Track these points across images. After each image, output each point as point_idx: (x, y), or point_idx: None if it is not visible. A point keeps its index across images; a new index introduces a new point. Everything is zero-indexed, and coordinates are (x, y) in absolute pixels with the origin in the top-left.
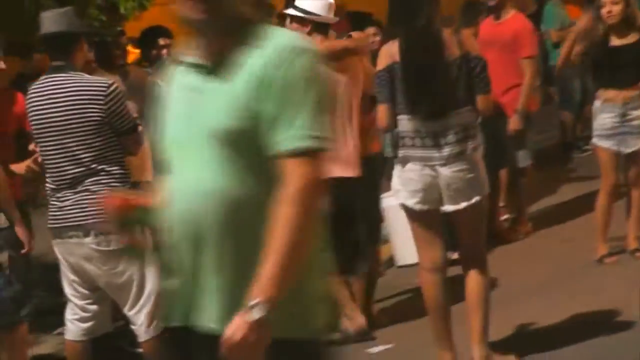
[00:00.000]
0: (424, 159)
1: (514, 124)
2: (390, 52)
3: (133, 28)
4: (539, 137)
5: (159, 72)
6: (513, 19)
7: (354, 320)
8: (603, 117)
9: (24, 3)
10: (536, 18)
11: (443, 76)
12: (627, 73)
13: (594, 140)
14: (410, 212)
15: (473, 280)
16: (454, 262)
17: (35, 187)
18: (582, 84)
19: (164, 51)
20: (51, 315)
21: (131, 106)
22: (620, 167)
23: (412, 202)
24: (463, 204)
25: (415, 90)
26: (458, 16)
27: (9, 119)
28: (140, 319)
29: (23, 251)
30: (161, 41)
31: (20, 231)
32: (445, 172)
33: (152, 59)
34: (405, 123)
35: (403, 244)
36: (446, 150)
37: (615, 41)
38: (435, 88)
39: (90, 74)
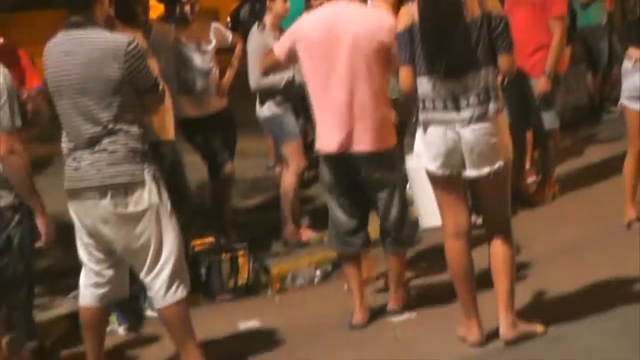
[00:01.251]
0: (444, 121)
1: (542, 85)
2: (410, 12)
3: None
4: (566, 98)
5: (183, 29)
6: None
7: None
8: (635, 77)
9: None
10: None
11: (462, 35)
12: None
13: (623, 101)
14: (432, 176)
15: (498, 248)
16: (478, 227)
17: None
18: (610, 46)
19: (187, 7)
20: (67, 277)
21: (153, 63)
22: None
23: (434, 167)
24: (486, 170)
25: (434, 50)
26: None
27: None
28: (157, 284)
29: (39, 244)
30: None
31: (41, 222)
32: (468, 135)
33: (175, 14)
34: (425, 85)
35: (426, 206)
36: (467, 112)
37: None
38: (454, 47)
39: (111, 30)
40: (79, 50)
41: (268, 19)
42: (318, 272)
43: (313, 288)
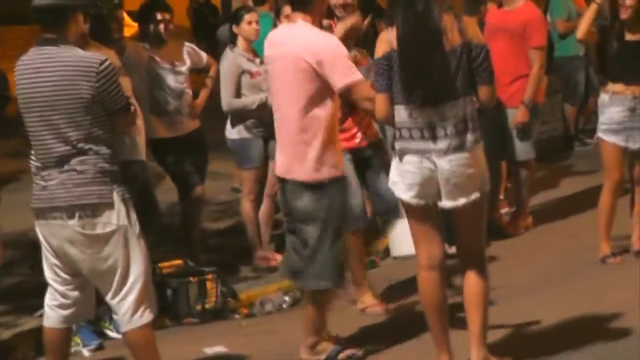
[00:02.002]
0: (421, 151)
1: (520, 115)
2: (388, 39)
3: (132, 1)
4: (542, 128)
5: (157, 48)
6: (524, 7)
7: None
8: (612, 111)
9: None
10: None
11: (441, 64)
12: (636, 67)
13: (600, 134)
14: (407, 206)
15: (472, 281)
16: (451, 257)
17: None
18: (586, 77)
19: (162, 26)
20: (33, 296)
21: (126, 82)
22: (625, 163)
23: (408, 196)
24: (462, 201)
25: (412, 78)
26: (462, 5)
27: None
28: (123, 307)
29: None
30: (159, 15)
31: None
32: (444, 165)
33: (150, 33)
34: (401, 113)
35: (399, 234)
36: (444, 143)
37: (628, 35)
38: (432, 76)
39: (84, 48)
40: (50, 68)
41: (239, 41)
42: (287, 298)
43: (282, 314)
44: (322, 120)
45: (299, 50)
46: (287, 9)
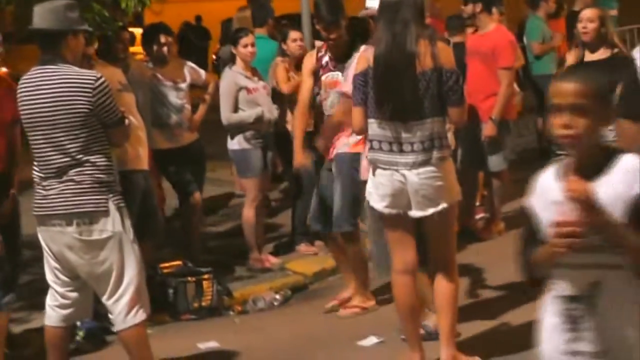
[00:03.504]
0: (389, 163)
1: (487, 130)
2: (367, 57)
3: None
4: (517, 141)
5: (160, 67)
6: (495, 32)
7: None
8: None
9: None
10: (520, 30)
11: (410, 85)
12: None
13: None
14: (380, 215)
15: (441, 285)
16: None
17: None
18: None
19: (165, 48)
20: (45, 294)
21: (131, 97)
22: None
23: (382, 206)
24: (430, 210)
25: (383, 94)
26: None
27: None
28: (118, 308)
29: None
30: (162, 38)
31: None
32: (413, 178)
33: (153, 54)
34: (374, 126)
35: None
36: (410, 157)
37: (588, 56)
38: (401, 94)
39: (89, 67)
40: (49, 85)
41: (238, 60)
42: (278, 297)
43: (273, 311)
44: None
45: None
46: (293, 34)
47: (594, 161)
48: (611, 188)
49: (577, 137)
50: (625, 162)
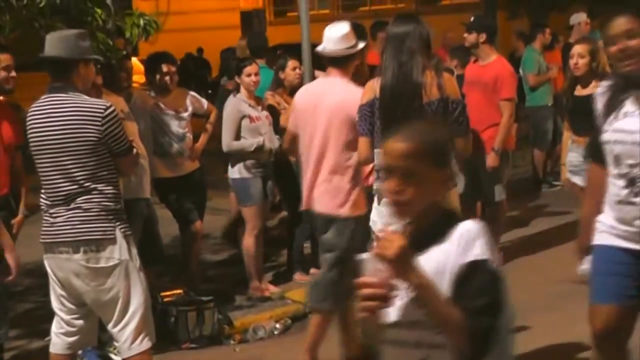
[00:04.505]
0: None
1: (490, 160)
2: (373, 87)
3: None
4: (513, 171)
5: (162, 96)
6: (496, 63)
7: None
8: (572, 155)
9: (35, 26)
10: (516, 62)
11: (417, 114)
12: (588, 121)
13: (568, 175)
14: None
15: None
16: None
17: None
18: (554, 125)
19: (167, 77)
20: (45, 322)
21: (133, 126)
22: None
23: None
24: None
25: (389, 124)
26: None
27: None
28: (124, 335)
29: (9, 278)
30: (164, 67)
31: (10, 258)
32: None
33: (156, 83)
34: (380, 157)
35: None
36: None
37: (579, 90)
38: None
39: (98, 96)
40: (59, 113)
41: (242, 89)
42: (278, 325)
43: (273, 340)
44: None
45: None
46: (292, 63)
47: (429, 228)
48: (443, 256)
49: (409, 203)
50: (462, 229)
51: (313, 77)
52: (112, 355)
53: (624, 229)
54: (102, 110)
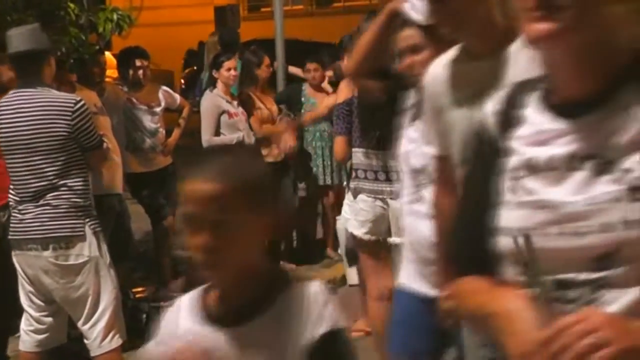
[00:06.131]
0: (375, 191)
1: None
2: (350, 87)
3: (119, 44)
4: None
5: (135, 91)
6: None
7: None
8: None
9: (7, 20)
10: None
11: (395, 112)
12: None
13: None
14: (358, 241)
15: None
16: None
17: None
18: None
19: (140, 72)
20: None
21: (106, 121)
22: None
23: (360, 232)
24: None
25: (368, 123)
26: None
27: None
28: (93, 333)
29: None
30: (137, 62)
31: None
32: (395, 205)
33: (129, 78)
34: (359, 155)
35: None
36: (397, 186)
37: None
38: (387, 122)
39: (71, 91)
40: (28, 108)
41: (219, 84)
42: None
43: None
44: None
45: None
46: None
47: (252, 292)
48: (276, 328)
49: (224, 261)
50: (306, 293)
51: (287, 73)
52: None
53: None
54: (71, 105)
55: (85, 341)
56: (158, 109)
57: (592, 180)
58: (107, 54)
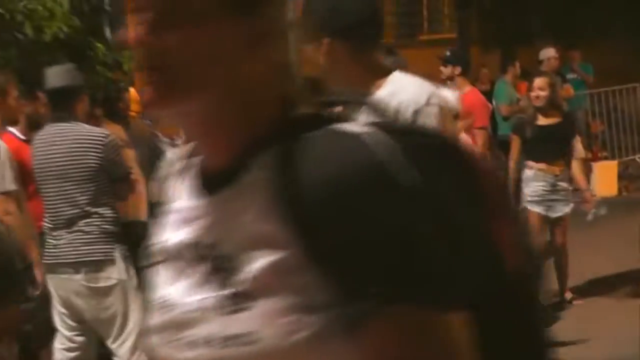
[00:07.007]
0: None
1: None
2: None
3: None
4: None
5: (158, 125)
6: (470, 93)
7: None
8: (534, 185)
9: (43, 58)
10: (489, 93)
11: None
12: (553, 149)
13: (526, 204)
14: None
15: None
16: None
17: None
18: None
19: None
20: None
21: (131, 153)
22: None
23: None
24: None
25: None
26: None
27: None
28: (122, 351)
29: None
30: None
31: (38, 273)
32: None
33: None
34: None
35: None
36: None
37: (541, 120)
38: None
39: (98, 125)
40: (63, 141)
41: None
42: None
43: None
44: None
45: None
46: None
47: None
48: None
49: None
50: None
51: None
52: None
53: None
54: (103, 139)
55: (115, 359)
56: (179, 141)
57: (206, 279)
58: (132, 89)
